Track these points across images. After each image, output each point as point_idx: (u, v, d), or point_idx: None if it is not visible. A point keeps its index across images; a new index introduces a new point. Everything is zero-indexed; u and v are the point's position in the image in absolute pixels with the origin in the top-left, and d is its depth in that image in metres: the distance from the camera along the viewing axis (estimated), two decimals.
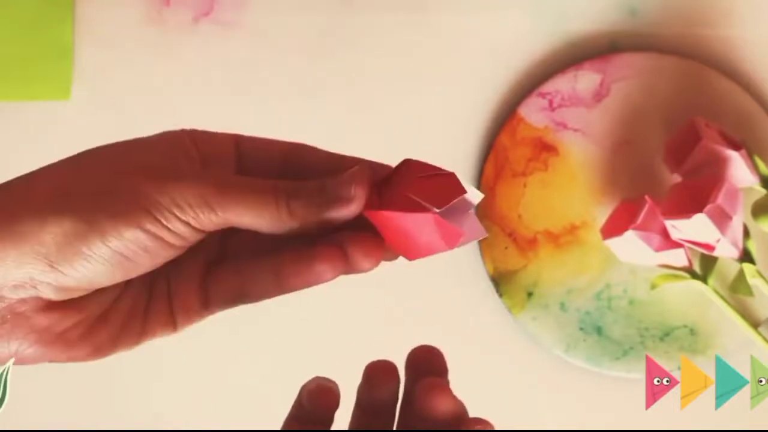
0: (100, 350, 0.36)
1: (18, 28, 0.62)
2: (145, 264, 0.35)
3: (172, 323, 0.38)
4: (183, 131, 0.38)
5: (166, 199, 0.34)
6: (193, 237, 0.35)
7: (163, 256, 0.35)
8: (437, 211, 0.35)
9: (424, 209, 0.35)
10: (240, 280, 0.37)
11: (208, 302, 0.38)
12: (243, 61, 0.64)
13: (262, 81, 0.64)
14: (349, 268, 0.36)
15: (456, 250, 0.70)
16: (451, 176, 0.36)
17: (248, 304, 0.38)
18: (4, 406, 0.37)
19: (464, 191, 0.36)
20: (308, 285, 0.37)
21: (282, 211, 0.35)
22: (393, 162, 0.37)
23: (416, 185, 0.36)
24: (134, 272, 0.35)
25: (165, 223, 0.34)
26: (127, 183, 0.35)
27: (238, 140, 0.38)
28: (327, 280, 0.36)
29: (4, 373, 0.37)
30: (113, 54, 0.63)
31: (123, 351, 0.37)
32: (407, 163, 0.37)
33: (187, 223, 0.35)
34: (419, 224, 0.36)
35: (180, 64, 0.64)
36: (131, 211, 0.34)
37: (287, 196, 0.35)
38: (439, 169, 0.37)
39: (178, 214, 0.34)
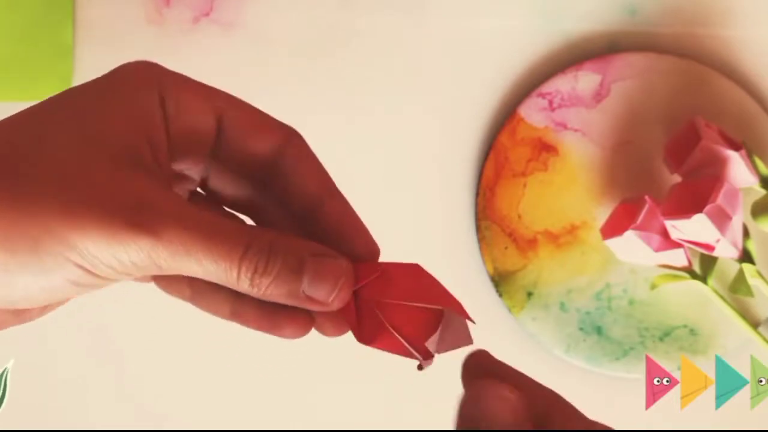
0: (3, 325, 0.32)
1: (18, 28, 0.62)
2: (73, 296, 0.31)
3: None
4: (152, 85, 0.32)
5: (105, 255, 0.29)
6: (130, 278, 0.31)
7: (95, 289, 0.31)
8: (421, 361, 0.31)
9: (406, 352, 0.31)
10: (192, 291, 0.34)
11: (162, 286, 0.34)
12: (243, 61, 0.63)
13: (262, 81, 0.64)
14: (317, 329, 0.34)
15: (456, 250, 0.70)
16: (461, 316, 0.30)
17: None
18: (4, 406, 0.37)
19: (468, 340, 0.31)
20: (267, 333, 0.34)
21: (242, 283, 0.30)
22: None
23: (410, 315, 0.31)
24: (61, 299, 0.31)
25: (97, 273, 0.29)
26: (48, 225, 0.28)
27: (220, 116, 0.34)
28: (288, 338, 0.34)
29: (4, 373, 0.37)
30: (113, 54, 0.63)
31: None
32: (416, 270, 0.32)
33: (126, 274, 0.30)
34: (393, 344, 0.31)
35: (180, 64, 0.63)
36: (56, 269, 0.28)
37: (254, 270, 0.30)
38: (450, 298, 0.31)
39: (116, 267, 0.29)
